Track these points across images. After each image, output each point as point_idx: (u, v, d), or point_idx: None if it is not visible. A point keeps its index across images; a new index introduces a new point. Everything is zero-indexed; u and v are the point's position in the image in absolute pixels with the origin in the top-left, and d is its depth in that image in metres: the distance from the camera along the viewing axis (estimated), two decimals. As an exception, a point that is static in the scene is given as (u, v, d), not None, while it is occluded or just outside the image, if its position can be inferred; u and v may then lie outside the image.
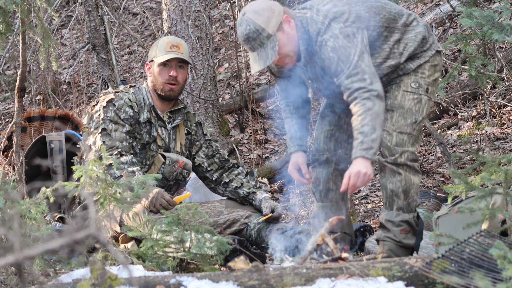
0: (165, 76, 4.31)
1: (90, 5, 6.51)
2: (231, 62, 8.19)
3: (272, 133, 7.13)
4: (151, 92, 4.37)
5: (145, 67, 4.43)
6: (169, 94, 4.32)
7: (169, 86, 4.31)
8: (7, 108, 8.61)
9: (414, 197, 3.49)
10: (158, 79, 4.32)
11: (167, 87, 4.31)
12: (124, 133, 4.21)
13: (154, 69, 4.33)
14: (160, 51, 4.32)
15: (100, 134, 4.19)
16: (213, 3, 9.17)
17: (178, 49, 4.32)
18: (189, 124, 4.47)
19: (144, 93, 4.36)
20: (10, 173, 4.77)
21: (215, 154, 4.49)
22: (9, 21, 4.17)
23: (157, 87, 4.33)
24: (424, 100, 3.52)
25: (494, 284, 2.48)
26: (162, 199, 4.06)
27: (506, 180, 3.05)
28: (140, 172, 4.08)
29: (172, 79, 4.30)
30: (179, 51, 4.31)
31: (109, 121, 4.21)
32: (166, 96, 4.32)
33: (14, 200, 3.07)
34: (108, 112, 4.22)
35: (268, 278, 2.70)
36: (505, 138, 6.02)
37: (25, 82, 4.41)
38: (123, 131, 4.21)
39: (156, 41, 4.44)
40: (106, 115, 4.22)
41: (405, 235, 3.49)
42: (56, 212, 4.46)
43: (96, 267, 2.42)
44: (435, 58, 3.58)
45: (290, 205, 5.86)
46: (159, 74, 4.31)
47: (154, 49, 4.37)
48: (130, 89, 4.36)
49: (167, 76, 4.31)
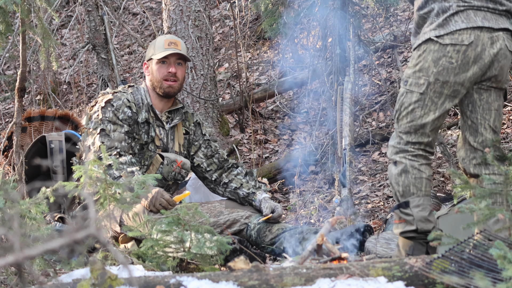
0: (164, 73, 4.31)
1: (90, 5, 6.51)
2: (231, 62, 8.20)
3: (272, 133, 7.14)
4: (149, 92, 4.37)
5: (143, 67, 4.43)
6: (168, 90, 4.32)
7: (168, 83, 4.31)
8: (7, 108, 8.61)
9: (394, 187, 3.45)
10: (157, 76, 4.32)
11: (166, 84, 4.31)
12: (123, 133, 4.21)
13: (153, 67, 4.34)
14: (158, 48, 4.33)
15: (99, 134, 4.18)
16: (213, 3, 9.17)
17: (176, 46, 4.33)
18: (188, 124, 4.47)
19: (142, 93, 4.36)
20: (10, 173, 4.77)
21: (214, 154, 4.49)
22: (9, 21, 4.17)
23: (156, 85, 4.33)
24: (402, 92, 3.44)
25: (494, 284, 2.48)
26: (161, 199, 4.05)
27: (506, 180, 3.05)
28: (139, 172, 4.08)
29: (171, 76, 4.31)
30: (177, 48, 4.32)
31: (107, 122, 4.21)
32: (166, 93, 4.32)
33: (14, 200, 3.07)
34: (106, 113, 4.22)
35: (268, 278, 2.70)
36: (505, 138, 6.02)
37: (25, 82, 4.41)
38: (122, 132, 4.21)
39: (154, 40, 4.45)
40: (105, 116, 4.22)
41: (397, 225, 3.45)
42: (56, 212, 4.46)
43: (96, 267, 2.42)
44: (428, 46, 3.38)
45: (290, 205, 5.87)
46: (158, 71, 4.32)
47: (151, 48, 4.38)
48: (128, 89, 4.36)
49: (166, 73, 4.31)
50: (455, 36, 3.32)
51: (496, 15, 3.37)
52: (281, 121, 7.35)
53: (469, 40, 3.31)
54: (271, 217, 4.27)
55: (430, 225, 3.35)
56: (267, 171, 6.27)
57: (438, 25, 3.35)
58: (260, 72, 8.16)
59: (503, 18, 3.40)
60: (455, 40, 3.31)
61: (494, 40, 3.33)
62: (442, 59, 3.32)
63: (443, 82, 3.33)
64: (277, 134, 7.14)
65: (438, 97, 3.36)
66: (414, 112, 3.39)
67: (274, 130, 7.18)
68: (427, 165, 3.42)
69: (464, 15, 3.34)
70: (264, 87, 7.38)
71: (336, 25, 5.73)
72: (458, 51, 3.31)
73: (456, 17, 3.34)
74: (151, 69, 4.36)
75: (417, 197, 3.37)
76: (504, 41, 3.35)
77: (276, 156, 6.77)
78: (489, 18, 3.35)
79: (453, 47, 3.31)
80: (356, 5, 6.10)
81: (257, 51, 8.47)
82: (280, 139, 7.06)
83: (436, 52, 3.33)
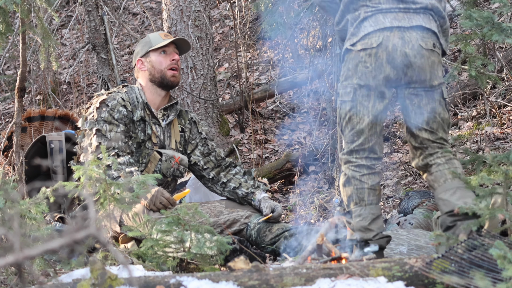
0: (166, 62, 4.33)
1: (90, 5, 6.51)
2: (231, 62, 8.20)
3: (272, 133, 7.14)
4: (144, 90, 4.36)
5: (136, 65, 4.40)
6: (173, 80, 4.33)
7: (172, 72, 4.32)
8: (7, 108, 8.61)
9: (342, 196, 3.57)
10: (159, 67, 4.32)
11: (170, 73, 4.32)
12: (119, 133, 4.20)
13: (152, 59, 4.34)
14: (155, 41, 4.34)
15: (95, 135, 4.18)
16: (213, 3, 9.17)
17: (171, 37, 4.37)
18: (183, 122, 4.47)
19: (137, 92, 4.35)
20: (10, 173, 4.77)
21: (211, 152, 4.49)
22: (9, 21, 4.17)
23: (158, 76, 4.32)
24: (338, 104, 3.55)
25: (494, 284, 2.48)
26: (162, 197, 4.06)
27: (506, 180, 3.05)
28: (138, 172, 4.07)
29: (175, 63, 4.32)
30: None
31: (103, 122, 4.20)
32: (171, 82, 4.33)
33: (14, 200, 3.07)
34: (101, 113, 4.21)
35: (268, 278, 2.70)
36: (505, 138, 6.02)
37: (25, 82, 4.41)
38: (118, 131, 4.20)
39: (142, 39, 4.46)
40: (100, 116, 4.21)
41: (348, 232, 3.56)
42: (56, 212, 4.46)
43: (96, 267, 2.42)
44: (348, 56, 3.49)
45: (290, 205, 5.87)
46: (159, 62, 4.33)
47: (144, 44, 4.39)
48: (122, 88, 4.36)
49: (168, 61, 4.33)
50: (365, 41, 3.42)
51: (410, 14, 3.44)
52: (281, 121, 7.35)
53: (378, 42, 3.39)
54: (271, 217, 4.26)
55: (370, 234, 3.44)
56: (267, 171, 6.27)
57: (351, 34, 3.47)
58: (260, 72, 8.16)
59: (420, 15, 3.45)
60: (365, 44, 3.42)
61: (406, 40, 3.39)
62: (359, 65, 3.43)
63: (365, 86, 3.42)
64: (277, 134, 7.14)
65: (367, 101, 3.45)
66: (352, 120, 3.48)
67: (274, 130, 7.18)
68: (371, 174, 3.50)
69: (372, 19, 3.44)
70: (264, 87, 7.38)
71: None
72: (369, 55, 3.41)
73: (365, 22, 3.44)
74: (149, 63, 4.35)
75: (359, 207, 3.46)
76: (417, 41, 3.40)
77: (276, 156, 6.77)
78: (400, 18, 3.42)
79: (365, 51, 3.42)
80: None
81: (257, 51, 8.47)
82: (280, 139, 7.06)
83: (353, 59, 3.44)
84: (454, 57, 7.01)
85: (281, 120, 7.36)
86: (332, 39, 5.94)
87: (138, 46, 4.45)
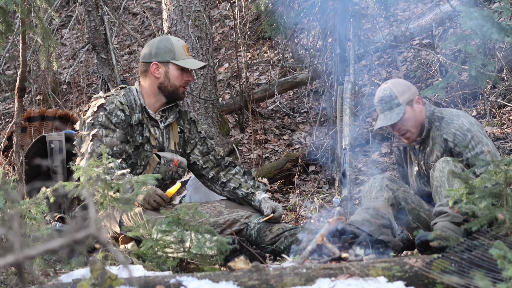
0: (183, 79, 4.34)
1: (90, 5, 6.51)
2: (231, 62, 8.20)
3: (272, 133, 7.13)
4: (144, 92, 4.33)
5: (152, 66, 4.32)
6: (182, 97, 4.39)
7: (183, 89, 4.36)
8: (7, 108, 8.61)
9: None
10: (174, 82, 4.31)
11: (181, 90, 4.35)
12: (115, 138, 4.19)
13: (171, 72, 4.29)
14: (180, 55, 4.30)
15: (92, 141, 4.16)
16: (213, 3, 9.17)
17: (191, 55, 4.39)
18: (182, 122, 4.46)
19: (135, 94, 4.32)
20: (10, 173, 4.77)
21: (210, 151, 4.48)
22: (9, 21, 4.17)
23: (170, 89, 4.31)
24: None
25: (494, 284, 2.48)
26: (155, 195, 4.07)
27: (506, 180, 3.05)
28: (130, 174, 4.06)
29: (188, 83, 4.36)
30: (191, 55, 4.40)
31: (99, 126, 4.19)
32: (180, 98, 4.38)
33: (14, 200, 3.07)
34: (99, 117, 4.20)
35: (268, 278, 2.70)
36: (505, 138, 6.02)
37: (25, 82, 4.41)
38: (114, 136, 4.19)
39: (162, 40, 4.37)
40: (97, 120, 4.19)
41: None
42: (56, 212, 4.46)
43: (96, 267, 2.42)
44: None
45: (290, 205, 5.87)
46: (177, 77, 4.31)
47: (166, 50, 4.30)
48: (120, 91, 4.33)
49: (184, 80, 4.34)
50: None
51: None
52: (281, 121, 7.35)
53: None
54: (272, 217, 4.26)
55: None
56: (267, 171, 6.27)
57: None
58: (260, 72, 8.17)
59: None
60: None
61: None
62: None
63: None
64: (277, 134, 7.14)
65: None
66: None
67: (274, 130, 7.18)
68: None
69: None
70: (264, 87, 7.38)
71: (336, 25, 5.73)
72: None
73: None
74: (166, 73, 4.31)
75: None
76: None
77: (276, 156, 6.77)
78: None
79: None
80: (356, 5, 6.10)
81: (257, 51, 8.47)
82: (280, 139, 7.06)
83: None
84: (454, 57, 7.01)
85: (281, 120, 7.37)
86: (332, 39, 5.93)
87: (155, 46, 4.34)
